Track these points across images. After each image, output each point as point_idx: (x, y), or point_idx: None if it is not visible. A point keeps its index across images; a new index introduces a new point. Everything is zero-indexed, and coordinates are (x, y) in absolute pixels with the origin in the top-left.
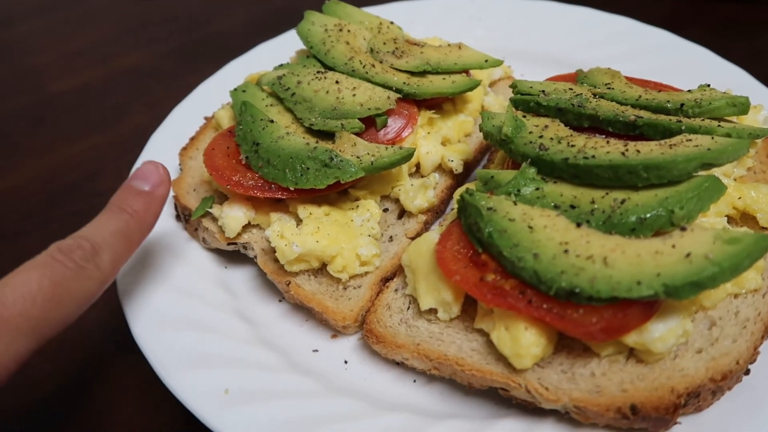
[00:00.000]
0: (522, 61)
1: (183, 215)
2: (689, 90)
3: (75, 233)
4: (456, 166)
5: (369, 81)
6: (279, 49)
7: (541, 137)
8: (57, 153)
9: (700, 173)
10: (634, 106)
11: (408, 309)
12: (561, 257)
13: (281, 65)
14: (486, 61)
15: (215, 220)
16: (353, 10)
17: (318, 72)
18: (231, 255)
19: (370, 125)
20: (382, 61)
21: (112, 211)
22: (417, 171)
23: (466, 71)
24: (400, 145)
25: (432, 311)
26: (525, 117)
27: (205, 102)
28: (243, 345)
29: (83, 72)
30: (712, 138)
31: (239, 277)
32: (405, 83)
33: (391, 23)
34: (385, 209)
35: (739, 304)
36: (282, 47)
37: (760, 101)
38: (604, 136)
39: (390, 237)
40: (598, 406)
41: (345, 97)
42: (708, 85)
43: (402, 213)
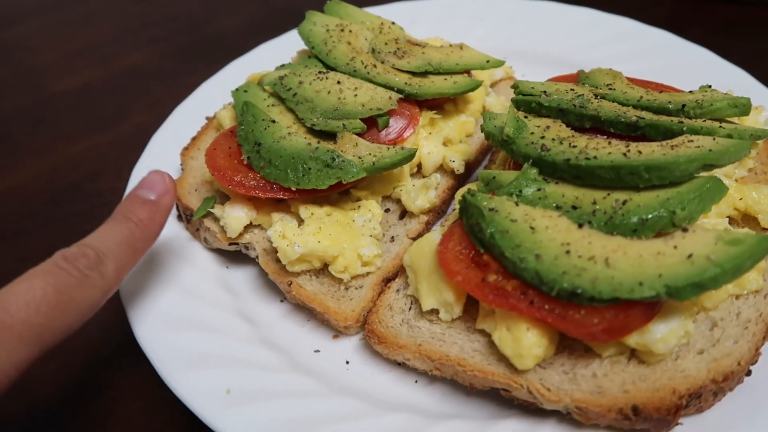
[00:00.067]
0: (523, 62)
1: (185, 215)
2: (690, 91)
3: (80, 241)
4: (457, 166)
5: (370, 81)
6: (280, 49)
7: (543, 138)
8: (58, 153)
9: (701, 174)
10: (635, 106)
11: (410, 309)
12: (563, 258)
13: (283, 65)
14: (487, 62)
15: (217, 220)
16: (355, 10)
17: (319, 72)
18: (232, 255)
19: (371, 125)
20: (383, 62)
21: (117, 220)
22: (418, 171)
23: (467, 72)
24: (401, 146)
25: (434, 312)
26: (526, 117)
27: (207, 102)
28: (244, 345)
29: (84, 72)
30: (713, 139)
31: (241, 278)
32: (406, 83)
33: (393, 23)
34: (387, 209)
35: (741, 305)
36: (283, 47)
37: (761, 102)
38: (605, 136)
39: (391, 237)
40: (599, 406)
41: (346, 98)
42: (709, 86)
43: (403, 213)
